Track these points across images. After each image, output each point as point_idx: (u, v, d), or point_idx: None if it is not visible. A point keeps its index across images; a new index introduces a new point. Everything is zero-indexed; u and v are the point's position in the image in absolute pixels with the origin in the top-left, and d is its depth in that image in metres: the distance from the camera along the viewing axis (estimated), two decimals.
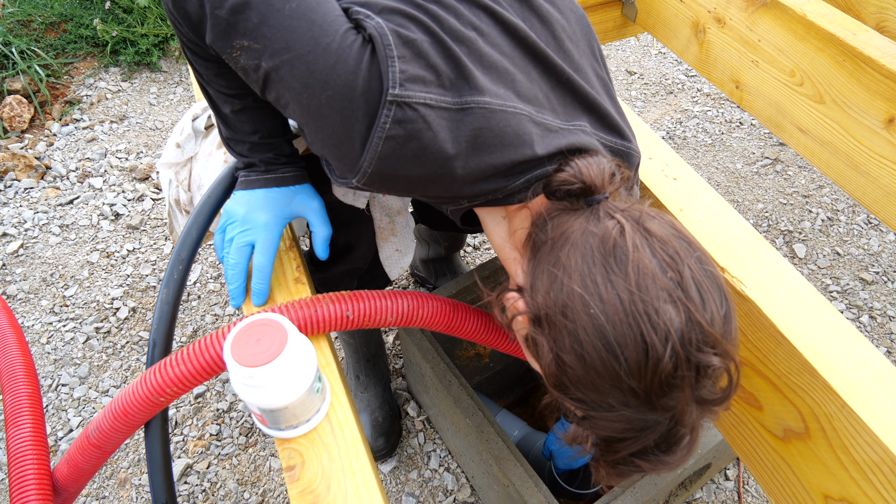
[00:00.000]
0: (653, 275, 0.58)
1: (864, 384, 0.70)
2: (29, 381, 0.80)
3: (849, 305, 1.91)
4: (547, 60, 0.75)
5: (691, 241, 0.63)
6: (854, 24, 1.11)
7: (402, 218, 1.13)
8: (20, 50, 2.43)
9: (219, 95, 0.82)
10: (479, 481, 1.41)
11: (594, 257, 0.60)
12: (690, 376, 0.58)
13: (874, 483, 0.68)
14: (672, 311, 0.57)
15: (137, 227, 2.05)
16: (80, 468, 0.76)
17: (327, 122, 0.69)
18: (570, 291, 0.60)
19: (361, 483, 0.66)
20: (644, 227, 0.61)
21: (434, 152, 0.67)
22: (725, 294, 0.61)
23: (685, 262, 0.59)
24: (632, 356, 0.57)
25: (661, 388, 0.57)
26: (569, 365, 0.60)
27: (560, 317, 0.60)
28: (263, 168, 0.86)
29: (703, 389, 0.59)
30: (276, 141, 0.86)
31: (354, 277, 1.18)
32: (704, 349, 0.57)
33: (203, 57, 0.78)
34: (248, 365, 0.63)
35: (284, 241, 0.91)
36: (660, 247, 0.60)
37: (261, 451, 1.57)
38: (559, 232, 0.64)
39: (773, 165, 2.35)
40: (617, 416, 0.60)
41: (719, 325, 0.59)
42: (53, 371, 1.69)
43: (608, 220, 0.62)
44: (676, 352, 0.56)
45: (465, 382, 1.29)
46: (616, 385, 0.58)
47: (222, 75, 0.80)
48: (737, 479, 1.53)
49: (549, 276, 0.62)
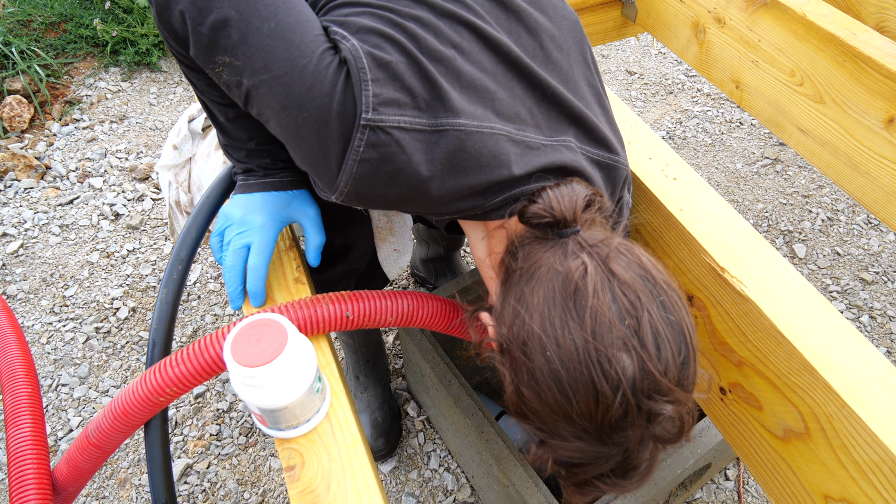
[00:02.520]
0: (609, 323, 0.58)
1: (864, 384, 0.70)
2: (29, 381, 0.80)
3: (849, 305, 1.91)
4: (532, 75, 0.74)
5: (658, 283, 0.62)
6: (854, 24, 1.11)
7: (400, 218, 1.13)
8: (20, 50, 2.43)
9: (214, 105, 0.83)
10: (479, 481, 1.41)
11: (555, 299, 0.61)
12: (640, 421, 0.59)
13: (874, 483, 0.68)
14: (626, 359, 0.58)
15: (137, 227, 2.05)
16: (80, 468, 0.76)
17: (305, 142, 0.69)
18: (529, 331, 0.61)
19: (361, 483, 0.66)
20: (609, 268, 0.61)
21: (409, 175, 0.68)
22: (687, 340, 0.62)
23: (646, 308, 0.60)
24: (583, 401, 0.59)
25: (612, 429, 0.59)
26: (527, 397, 0.62)
27: (520, 353, 0.62)
28: (262, 173, 0.87)
29: (655, 429, 0.61)
30: (272, 147, 0.86)
31: (352, 278, 1.18)
32: (656, 397, 0.59)
33: (194, 69, 0.78)
34: (248, 365, 0.63)
35: (284, 242, 0.91)
36: (622, 291, 0.60)
37: (261, 451, 1.57)
38: (528, 263, 0.65)
39: (773, 165, 2.35)
40: (572, 446, 0.62)
41: (674, 373, 0.60)
42: (53, 371, 1.69)
43: (573, 259, 0.62)
44: (627, 399, 0.58)
45: (465, 382, 1.29)
46: (569, 422, 0.60)
47: (214, 85, 0.80)
48: (737, 479, 1.53)
49: (512, 311, 0.64)
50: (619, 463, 0.63)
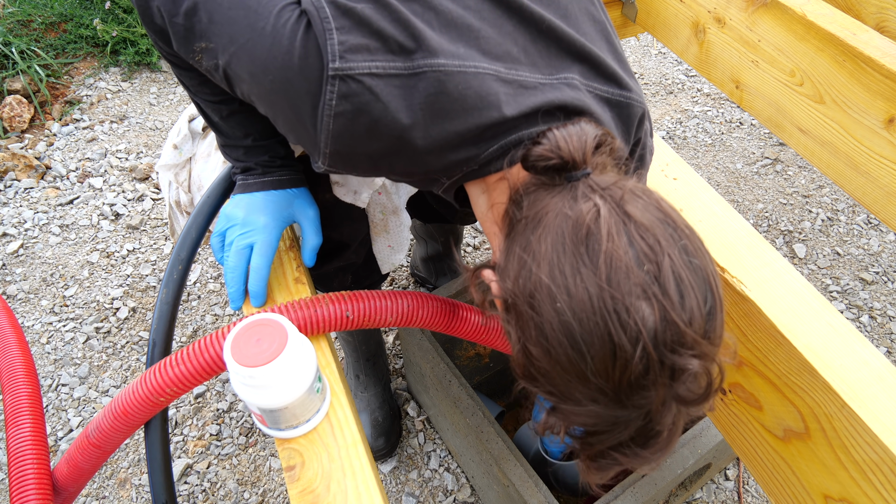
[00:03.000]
0: (627, 268, 0.53)
1: (864, 384, 0.70)
2: (29, 381, 0.80)
3: (849, 305, 1.91)
4: (523, 9, 0.68)
5: (678, 226, 0.56)
6: (854, 24, 1.11)
7: (397, 218, 1.13)
8: (20, 50, 2.43)
9: (207, 104, 0.83)
10: (479, 481, 1.41)
11: (565, 245, 0.55)
12: (664, 378, 0.53)
13: (874, 483, 0.68)
14: (645, 309, 0.52)
15: (137, 227, 2.05)
16: (80, 468, 0.76)
17: (279, 109, 0.67)
18: (537, 281, 0.55)
19: (361, 483, 0.66)
20: (624, 210, 0.55)
21: (388, 124, 0.64)
22: (712, 288, 0.56)
23: (666, 252, 0.54)
24: (598, 356, 0.53)
25: (631, 389, 0.54)
26: (535, 357, 0.57)
27: (527, 307, 0.56)
28: (260, 171, 0.86)
29: (679, 389, 0.55)
30: (268, 143, 0.86)
31: (349, 272, 1.18)
32: (680, 351, 0.53)
33: (184, 67, 0.78)
34: (248, 365, 0.63)
35: (284, 242, 0.91)
36: (639, 234, 0.54)
37: (261, 451, 1.57)
38: (534, 211, 0.59)
39: (773, 165, 2.35)
40: (586, 410, 0.57)
41: (699, 324, 0.54)
42: (53, 371, 1.69)
43: (585, 201, 0.56)
44: (648, 353, 0.52)
45: (465, 382, 1.29)
46: (583, 383, 0.55)
47: (205, 83, 0.80)
48: (737, 479, 1.53)
49: (518, 262, 0.58)
50: (639, 429, 0.57)
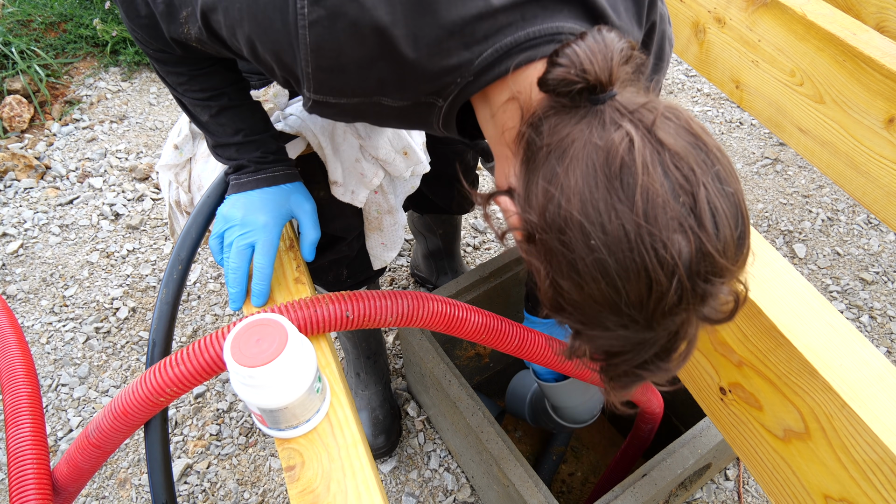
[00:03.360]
0: (663, 202, 0.51)
1: (864, 384, 0.70)
2: (29, 381, 0.80)
3: (849, 305, 1.91)
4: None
5: (710, 150, 0.54)
6: (854, 24, 1.11)
7: (392, 217, 1.13)
8: (20, 50, 2.42)
9: (196, 105, 0.83)
10: (479, 481, 1.41)
11: (597, 179, 0.52)
12: (695, 304, 0.54)
13: (874, 483, 0.68)
14: (682, 242, 0.51)
15: (137, 227, 2.05)
16: (80, 468, 0.76)
17: (257, 38, 0.65)
18: (568, 217, 0.53)
19: (361, 483, 0.66)
20: (657, 137, 0.53)
21: (367, 24, 0.60)
22: (743, 213, 0.55)
23: (701, 182, 0.52)
24: (634, 290, 0.52)
25: (663, 315, 0.54)
26: (565, 290, 0.55)
27: (557, 243, 0.54)
28: (253, 168, 0.85)
29: (707, 311, 0.56)
30: (260, 137, 0.85)
31: (343, 266, 1.18)
32: (713, 280, 0.53)
33: (172, 62, 0.78)
34: (248, 365, 0.63)
35: (284, 241, 0.91)
36: (674, 164, 0.52)
37: (261, 451, 1.57)
38: (557, 138, 0.55)
39: (773, 165, 2.35)
40: (615, 335, 0.57)
41: (731, 252, 0.54)
42: (53, 371, 1.69)
43: (615, 129, 0.53)
44: (682, 284, 0.52)
45: (465, 382, 1.29)
46: (615, 312, 0.55)
47: (195, 78, 0.80)
48: (737, 479, 1.53)
49: (544, 195, 0.55)
50: (662, 346, 0.58)
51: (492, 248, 2.05)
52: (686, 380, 0.95)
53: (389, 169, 1.03)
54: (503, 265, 1.46)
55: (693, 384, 0.93)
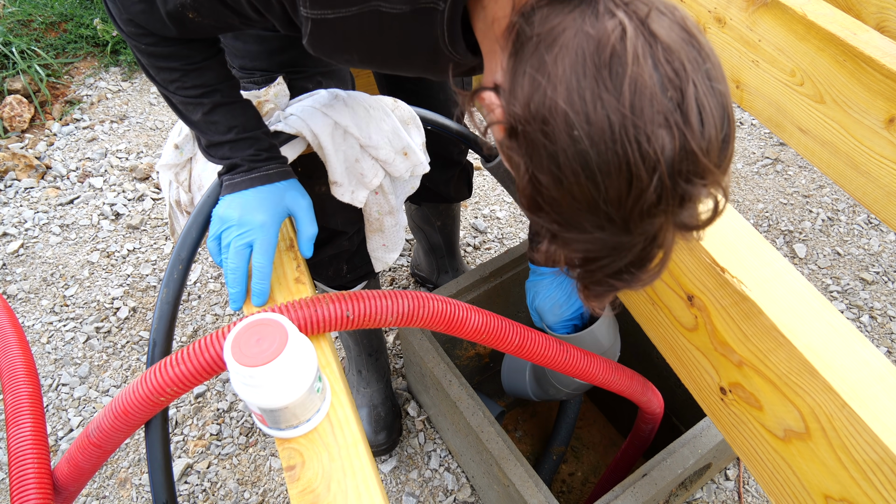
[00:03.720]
0: (651, 95, 0.50)
1: (865, 384, 0.70)
2: (29, 381, 0.80)
3: (849, 305, 1.91)
4: None
5: (703, 48, 0.53)
6: (854, 24, 1.10)
7: (393, 218, 1.13)
8: (20, 50, 2.43)
9: (187, 104, 0.82)
10: (479, 481, 1.41)
11: (586, 67, 0.51)
12: (673, 206, 0.53)
13: (874, 483, 0.68)
14: (666, 137, 0.50)
15: (138, 226, 2.06)
16: (81, 467, 0.76)
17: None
18: (552, 106, 0.52)
19: (362, 483, 0.66)
20: (650, 29, 0.51)
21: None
22: (729, 115, 0.55)
23: (691, 78, 0.51)
24: (613, 185, 0.51)
25: (641, 217, 0.53)
26: (544, 186, 0.55)
27: (539, 135, 0.53)
28: (246, 167, 0.85)
29: (684, 214, 0.55)
30: (253, 134, 0.85)
31: (343, 261, 1.18)
32: (694, 180, 0.52)
33: (164, 57, 0.78)
34: (248, 365, 0.63)
35: (284, 241, 0.91)
36: (665, 58, 0.51)
37: (261, 451, 1.57)
38: (548, 28, 0.54)
39: (773, 165, 2.35)
40: (590, 238, 0.56)
41: (715, 152, 0.53)
42: (54, 371, 1.69)
43: (608, 18, 0.52)
44: (663, 182, 0.51)
45: (465, 382, 1.29)
46: (593, 211, 0.54)
47: (187, 75, 0.80)
48: (737, 479, 1.53)
49: (530, 84, 0.53)
50: (637, 254, 0.57)
51: (492, 248, 2.05)
52: (686, 380, 0.95)
53: (390, 169, 1.03)
54: (503, 265, 1.46)
55: (693, 384, 0.93)
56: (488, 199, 2.20)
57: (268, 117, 0.96)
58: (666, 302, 0.92)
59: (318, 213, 0.91)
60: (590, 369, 0.98)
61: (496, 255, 1.49)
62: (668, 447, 1.20)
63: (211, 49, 0.83)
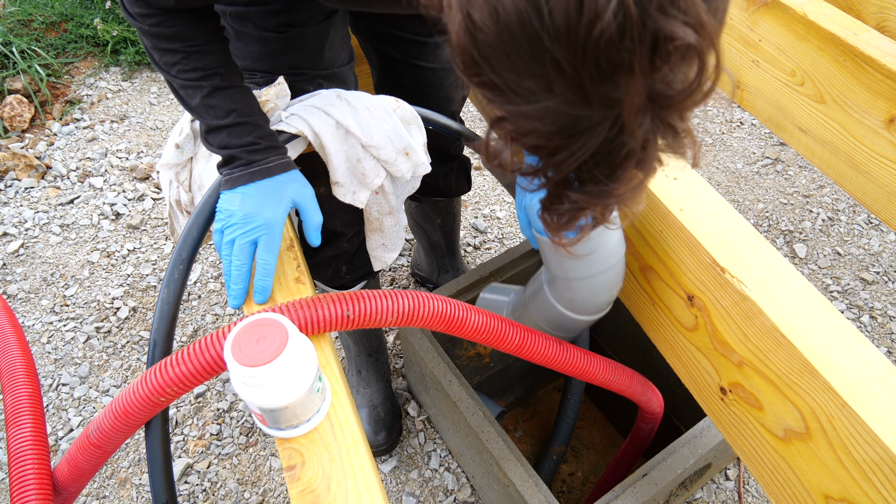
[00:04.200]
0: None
1: (865, 384, 0.70)
2: (29, 381, 0.80)
3: (849, 305, 1.91)
4: None
5: None
6: (855, 24, 1.10)
7: (393, 218, 1.13)
8: (21, 49, 2.43)
9: (187, 87, 0.82)
10: (479, 481, 1.41)
11: None
12: (642, 52, 0.41)
13: (875, 483, 0.68)
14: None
15: (138, 226, 2.06)
16: (81, 468, 0.76)
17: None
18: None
19: (362, 483, 0.66)
20: None
21: None
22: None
23: None
24: (559, 8, 0.40)
25: (598, 66, 0.41)
26: (479, 27, 0.44)
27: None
28: (245, 160, 0.83)
29: (657, 76, 0.42)
30: (252, 119, 0.84)
31: (342, 262, 1.18)
32: (670, 11, 0.40)
33: (168, 37, 0.78)
34: (248, 365, 0.63)
35: (284, 241, 0.91)
36: None
37: (261, 451, 1.57)
38: None
39: (773, 165, 2.35)
40: (540, 108, 0.45)
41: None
42: (54, 371, 1.69)
43: None
44: (626, 8, 0.39)
45: (465, 382, 1.29)
46: (536, 56, 0.42)
47: (188, 57, 0.80)
48: (737, 479, 1.53)
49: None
50: (605, 145, 0.45)
51: (492, 248, 2.05)
52: (686, 380, 0.95)
53: (391, 170, 1.03)
54: (503, 265, 1.46)
55: (693, 384, 0.93)
56: (488, 199, 2.20)
57: (269, 117, 0.96)
58: (666, 302, 0.92)
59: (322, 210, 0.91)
60: (590, 369, 0.98)
61: (496, 255, 1.49)
62: (668, 447, 1.20)
63: (213, 33, 0.83)
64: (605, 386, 1.04)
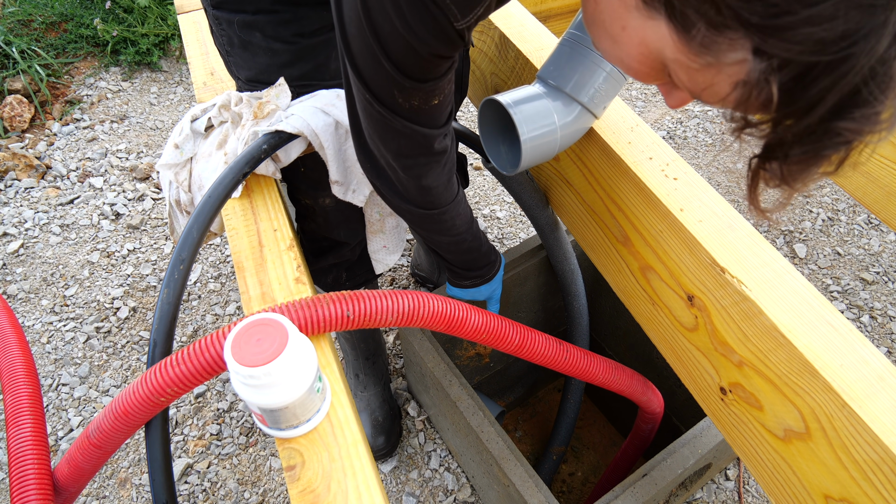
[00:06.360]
0: None
1: (865, 384, 0.70)
2: (29, 381, 0.80)
3: (849, 305, 1.91)
4: None
5: None
6: None
7: (394, 219, 1.13)
8: (21, 49, 2.43)
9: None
10: (479, 481, 1.41)
11: None
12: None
13: (874, 483, 0.68)
14: None
15: (138, 226, 2.06)
16: (81, 468, 0.76)
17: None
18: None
19: (362, 483, 0.66)
20: None
21: None
22: None
23: None
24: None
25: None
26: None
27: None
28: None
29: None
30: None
31: (343, 269, 1.18)
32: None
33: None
34: (248, 365, 0.63)
35: (284, 241, 0.91)
36: None
37: (261, 451, 1.57)
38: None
39: None
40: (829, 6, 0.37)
41: None
42: (54, 371, 1.69)
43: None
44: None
45: (465, 382, 1.29)
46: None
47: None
48: (737, 479, 1.53)
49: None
50: (880, 60, 0.37)
51: None
52: (686, 380, 0.95)
53: None
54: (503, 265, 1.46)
55: (693, 384, 0.93)
56: (488, 199, 2.20)
57: (269, 117, 0.96)
58: (666, 302, 0.92)
59: (323, 224, 0.91)
60: (590, 369, 0.98)
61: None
62: (668, 447, 1.20)
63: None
64: (605, 386, 1.04)
